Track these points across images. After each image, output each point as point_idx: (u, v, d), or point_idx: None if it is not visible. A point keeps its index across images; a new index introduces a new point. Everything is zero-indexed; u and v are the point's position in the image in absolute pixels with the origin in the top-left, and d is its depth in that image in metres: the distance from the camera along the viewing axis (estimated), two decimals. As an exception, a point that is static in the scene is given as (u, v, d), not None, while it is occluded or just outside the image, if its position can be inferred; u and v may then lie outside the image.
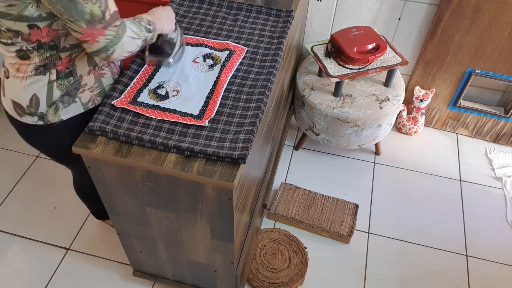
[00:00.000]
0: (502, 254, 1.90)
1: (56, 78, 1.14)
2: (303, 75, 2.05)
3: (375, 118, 1.91)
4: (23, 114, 1.17)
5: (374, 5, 2.09)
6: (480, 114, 2.27)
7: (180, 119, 1.19)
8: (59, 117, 1.19)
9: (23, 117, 1.18)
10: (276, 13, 1.56)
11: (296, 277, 1.77)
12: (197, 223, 1.27)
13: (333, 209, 1.98)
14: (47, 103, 1.15)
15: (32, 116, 1.17)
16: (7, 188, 2.10)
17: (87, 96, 1.21)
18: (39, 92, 1.14)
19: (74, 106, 1.20)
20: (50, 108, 1.17)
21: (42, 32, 1.04)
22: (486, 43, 2.02)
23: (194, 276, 1.59)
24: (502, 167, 2.24)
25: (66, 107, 1.18)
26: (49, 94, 1.15)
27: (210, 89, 1.28)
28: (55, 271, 1.81)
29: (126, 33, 1.05)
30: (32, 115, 1.17)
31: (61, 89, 1.16)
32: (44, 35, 1.05)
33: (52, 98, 1.15)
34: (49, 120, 1.19)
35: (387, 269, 1.84)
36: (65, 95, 1.17)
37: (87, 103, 1.22)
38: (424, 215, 2.03)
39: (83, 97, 1.21)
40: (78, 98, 1.20)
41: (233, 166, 1.11)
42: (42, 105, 1.16)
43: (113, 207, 1.36)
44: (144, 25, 1.13)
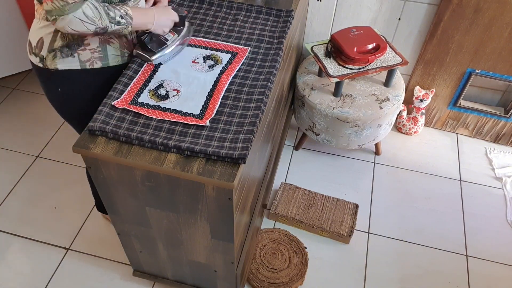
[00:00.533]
0: (502, 254, 1.90)
1: None
2: (303, 75, 2.05)
3: (375, 118, 1.91)
4: (30, 52, 1.28)
5: (374, 5, 2.09)
6: (480, 114, 2.27)
7: (180, 119, 1.19)
8: (55, 65, 1.25)
9: (31, 55, 1.29)
10: (276, 13, 1.56)
11: (296, 277, 1.77)
12: (197, 223, 1.28)
13: (333, 209, 1.98)
14: (49, 48, 1.23)
15: (35, 56, 1.27)
16: (7, 188, 2.10)
17: (86, 55, 1.26)
18: (45, 36, 1.22)
19: (71, 60, 1.25)
20: (50, 54, 1.24)
21: None
22: (486, 43, 2.02)
23: (194, 276, 1.59)
24: (502, 167, 2.24)
25: (63, 58, 1.24)
26: (52, 41, 1.22)
27: (211, 88, 1.29)
28: (55, 271, 1.81)
29: (73, 12, 1.07)
30: (36, 56, 1.27)
31: (64, 40, 1.22)
32: None
33: (53, 45, 1.23)
34: (46, 65, 1.26)
35: (387, 269, 1.84)
36: (65, 47, 1.23)
37: (85, 62, 1.26)
38: (424, 215, 2.03)
39: (82, 55, 1.25)
40: (77, 54, 1.24)
41: (233, 166, 1.11)
42: (44, 49, 1.24)
43: (113, 207, 1.36)
44: (112, 15, 1.14)
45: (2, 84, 2.60)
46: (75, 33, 1.13)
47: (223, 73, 1.33)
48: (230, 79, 1.31)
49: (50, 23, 1.19)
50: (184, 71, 1.34)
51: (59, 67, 1.26)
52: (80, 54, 1.25)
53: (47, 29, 1.21)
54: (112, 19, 1.14)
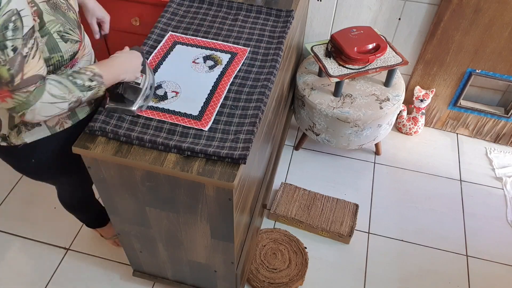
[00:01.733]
0: (502, 254, 1.90)
1: None
2: (303, 75, 2.04)
3: (375, 118, 1.91)
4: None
5: (374, 5, 2.09)
6: (480, 114, 2.27)
7: (179, 121, 1.19)
8: (22, 140, 1.15)
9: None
10: (276, 13, 1.56)
11: (296, 277, 1.77)
12: (197, 223, 1.27)
13: (333, 209, 1.98)
14: (9, 125, 1.12)
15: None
16: (7, 188, 2.10)
17: (53, 119, 1.15)
18: (1, 114, 1.11)
19: (39, 129, 1.15)
20: (13, 131, 1.13)
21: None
22: (486, 43, 2.02)
23: (194, 276, 1.59)
24: (502, 167, 2.24)
25: (29, 130, 1.14)
26: (11, 117, 1.11)
27: (210, 89, 1.28)
28: (55, 271, 1.81)
29: (40, 99, 0.94)
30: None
31: None
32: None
33: (14, 121, 1.12)
34: (12, 142, 1.15)
35: (387, 269, 1.84)
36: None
37: (54, 126, 1.17)
38: (424, 215, 2.03)
39: (49, 121, 1.15)
40: (43, 122, 1.14)
41: (233, 166, 1.11)
42: (4, 128, 1.13)
43: (113, 207, 1.36)
44: (80, 82, 1.01)
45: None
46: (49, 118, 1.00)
47: (223, 75, 1.32)
48: (230, 80, 1.31)
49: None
50: (184, 72, 1.33)
51: (27, 140, 1.15)
52: (47, 121, 1.14)
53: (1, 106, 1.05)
54: (81, 87, 1.01)
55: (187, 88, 1.29)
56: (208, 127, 1.19)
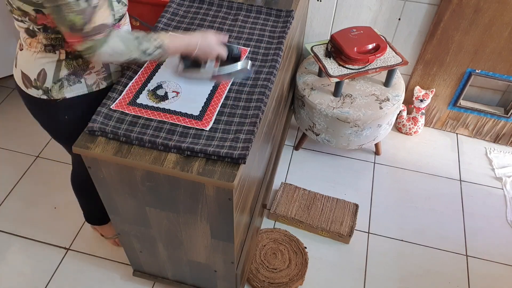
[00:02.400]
0: (502, 254, 1.90)
1: (65, 57, 1.18)
2: (303, 75, 2.05)
3: (375, 118, 1.91)
4: (29, 86, 1.22)
5: (374, 5, 2.09)
6: (480, 114, 2.27)
7: (180, 121, 1.19)
8: (63, 94, 1.22)
9: (29, 89, 1.23)
10: (276, 13, 1.56)
11: (296, 277, 1.77)
12: (197, 223, 1.27)
13: (333, 209, 1.98)
14: (54, 79, 1.20)
15: (37, 89, 1.22)
16: (7, 188, 2.10)
17: (92, 78, 1.25)
18: (48, 68, 1.18)
19: (79, 86, 1.23)
20: (56, 85, 1.21)
21: (48, 18, 1.08)
22: (486, 43, 2.02)
23: (194, 276, 1.59)
24: (502, 167, 2.24)
25: (70, 86, 1.22)
26: (57, 71, 1.19)
27: (211, 89, 1.28)
28: (55, 271, 1.81)
29: (102, 48, 1.06)
30: (37, 89, 1.21)
31: (69, 68, 1.20)
32: (49, 21, 1.09)
33: (59, 75, 1.20)
34: (52, 96, 1.22)
35: (387, 269, 1.84)
36: (71, 74, 1.21)
37: (92, 85, 1.25)
38: (424, 215, 2.03)
39: (89, 79, 1.24)
40: (83, 79, 1.23)
41: (233, 166, 1.11)
42: (49, 81, 1.20)
43: (113, 207, 1.36)
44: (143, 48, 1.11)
45: (2, 84, 2.60)
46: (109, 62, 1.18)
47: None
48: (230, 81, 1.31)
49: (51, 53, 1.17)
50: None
51: (66, 95, 1.23)
52: (87, 79, 1.24)
53: (48, 59, 1.18)
54: (142, 52, 1.12)
55: (188, 88, 1.29)
56: (209, 127, 1.19)
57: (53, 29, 1.11)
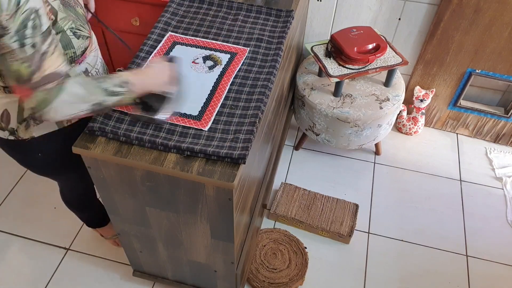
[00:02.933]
0: (502, 254, 1.90)
1: None
2: (303, 75, 2.05)
3: (375, 118, 1.91)
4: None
5: (374, 5, 2.09)
6: (480, 114, 2.27)
7: (179, 121, 1.19)
8: (30, 133, 1.15)
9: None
10: (276, 13, 1.56)
11: (296, 277, 1.77)
12: (197, 223, 1.27)
13: (333, 209, 1.98)
14: (18, 119, 1.12)
15: (3, 130, 1.15)
16: (7, 188, 2.10)
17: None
18: (10, 108, 1.10)
19: (47, 124, 1.16)
20: (21, 125, 1.13)
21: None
22: (486, 43, 2.02)
23: (194, 276, 1.59)
24: (502, 167, 2.24)
25: (37, 125, 1.15)
26: (20, 110, 1.11)
27: (211, 89, 1.28)
28: (55, 271, 1.81)
29: (59, 97, 0.91)
30: (3, 130, 1.15)
31: None
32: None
33: (23, 115, 1.12)
34: (20, 136, 1.15)
35: (387, 269, 1.84)
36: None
37: (62, 122, 1.18)
38: (424, 215, 2.03)
39: None
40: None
41: (233, 166, 1.11)
42: (13, 121, 1.12)
43: (113, 207, 1.36)
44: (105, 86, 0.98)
45: (2, 84, 2.60)
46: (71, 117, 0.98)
47: (223, 75, 1.32)
48: (230, 80, 1.31)
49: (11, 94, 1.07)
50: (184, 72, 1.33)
51: (34, 135, 1.15)
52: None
53: (9, 99, 1.08)
54: (105, 91, 0.98)
55: (187, 88, 1.28)
56: (208, 127, 1.18)
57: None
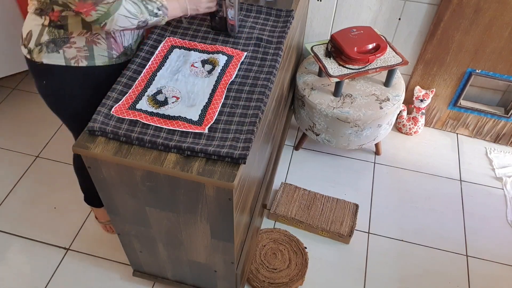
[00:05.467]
0: (502, 254, 1.90)
1: (48, 24, 1.23)
2: (303, 75, 2.05)
3: (375, 118, 1.91)
4: (21, 43, 1.32)
5: (374, 5, 2.09)
6: (480, 114, 2.27)
7: (180, 127, 1.18)
8: (41, 58, 1.27)
9: (21, 46, 1.32)
10: (276, 13, 1.56)
11: (296, 277, 1.77)
12: (197, 223, 1.27)
13: (333, 209, 1.98)
14: (36, 42, 1.26)
15: (25, 47, 1.30)
16: (7, 188, 2.10)
17: (72, 52, 1.27)
18: (34, 30, 1.25)
19: (56, 56, 1.27)
20: (36, 48, 1.26)
21: None
22: (486, 43, 2.02)
23: (194, 276, 1.59)
24: (502, 167, 2.24)
25: (48, 53, 1.26)
26: (40, 35, 1.25)
27: (210, 93, 1.27)
28: (55, 271, 1.81)
29: (118, 11, 1.14)
30: (25, 47, 1.30)
31: (50, 35, 1.24)
32: None
33: (40, 39, 1.25)
34: (33, 57, 1.28)
35: (387, 269, 1.84)
36: (51, 42, 1.25)
37: (70, 59, 1.28)
38: (424, 215, 2.03)
39: (68, 52, 1.27)
40: (62, 51, 1.26)
41: (233, 166, 1.11)
42: (32, 42, 1.26)
43: (113, 207, 1.36)
44: (150, 8, 1.22)
45: (2, 84, 2.60)
46: (121, 29, 1.20)
47: (221, 78, 1.32)
48: (227, 84, 1.30)
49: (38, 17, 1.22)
50: (183, 76, 1.32)
51: (44, 61, 1.27)
52: (66, 51, 1.26)
53: (36, 22, 1.24)
54: (150, 12, 1.22)
55: (187, 92, 1.28)
56: (207, 130, 1.18)
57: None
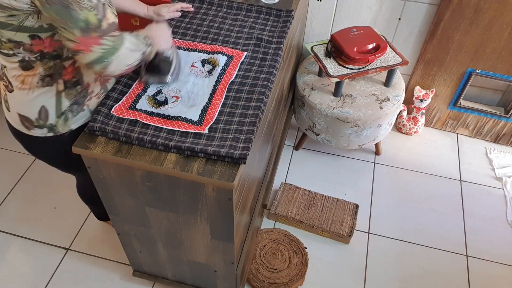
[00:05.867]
0: (502, 254, 1.90)
1: (64, 87, 1.12)
2: (303, 75, 2.04)
3: (375, 118, 1.91)
4: (31, 127, 1.16)
5: (374, 5, 2.09)
6: (480, 114, 2.27)
7: (180, 127, 1.18)
8: (69, 126, 1.19)
9: (32, 130, 1.16)
10: (276, 13, 1.56)
11: (296, 277, 1.77)
12: (197, 223, 1.27)
13: (333, 209, 1.98)
14: (57, 114, 1.15)
15: (41, 128, 1.16)
16: (7, 188, 2.10)
17: (94, 103, 1.22)
18: (48, 104, 1.12)
19: (82, 114, 1.20)
20: (60, 119, 1.16)
21: (44, 43, 1.01)
22: (486, 43, 2.02)
23: (194, 276, 1.59)
24: (502, 167, 2.24)
25: (75, 116, 1.18)
26: (58, 104, 1.14)
27: (210, 93, 1.27)
28: (55, 271, 1.81)
29: (124, 44, 1.01)
30: (41, 128, 1.16)
31: (70, 98, 1.15)
32: (47, 45, 1.02)
33: (61, 108, 1.15)
34: (59, 131, 1.18)
35: (387, 269, 1.84)
36: (74, 104, 1.16)
37: (95, 110, 1.22)
38: (424, 215, 2.03)
39: (91, 104, 1.21)
40: (86, 106, 1.20)
41: (233, 166, 1.11)
42: (52, 117, 1.15)
43: (113, 207, 1.36)
44: (142, 39, 1.11)
45: (2, 84, 2.60)
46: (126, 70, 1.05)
47: (222, 79, 1.32)
48: (227, 84, 1.30)
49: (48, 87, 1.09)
50: (183, 76, 1.32)
51: (73, 127, 1.19)
52: (89, 105, 1.20)
53: (47, 94, 1.11)
54: (143, 43, 1.10)
55: (187, 92, 1.28)
56: (207, 130, 1.18)
57: (50, 54, 1.04)
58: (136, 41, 1.07)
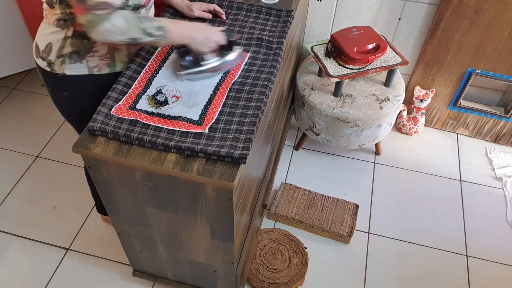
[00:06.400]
0: (502, 254, 1.90)
1: (72, 35, 1.23)
2: (303, 75, 2.05)
3: (375, 118, 1.91)
4: (37, 55, 1.30)
5: (374, 5, 2.09)
6: (480, 114, 2.27)
7: (180, 127, 1.18)
8: (63, 70, 1.27)
9: (37, 58, 1.31)
10: (276, 13, 1.56)
11: (296, 277, 1.77)
12: (197, 223, 1.27)
13: (333, 209, 1.98)
14: (57, 54, 1.26)
15: (43, 60, 1.28)
16: (7, 188, 2.10)
17: (95, 61, 1.28)
18: (54, 42, 1.25)
19: (80, 66, 1.27)
20: (58, 59, 1.26)
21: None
22: (486, 43, 2.02)
23: (194, 276, 1.59)
24: (502, 167, 2.24)
25: (72, 64, 1.27)
26: (61, 47, 1.25)
27: (211, 94, 1.27)
28: (55, 271, 1.81)
29: (103, 24, 1.10)
30: (43, 59, 1.28)
31: (73, 46, 1.24)
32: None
33: (62, 51, 1.25)
34: (54, 70, 1.28)
35: (387, 269, 1.84)
36: (74, 53, 1.25)
37: (93, 68, 1.29)
38: (424, 215, 2.03)
39: (91, 61, 1.28)
40: (85, 60, 1.27)
41: (233, 166, 1.11)
42: (53, 54, 1.26)
43: (113, 207, 1.36)
44: (144, 27, 1.15)
45: (2, 84, 2.60)
46: (108, 42, 1.16)
47: (224, 79, 1.31)
48: (230, 85, 1.30)
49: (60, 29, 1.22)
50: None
51: (66, 72, 1.28)
52: (89, 61, 1.27)
53: (57, 35, 1.23)
54: (143, 31, 1.14)
55: (187, 92, 1.28)
56: (207, 130, 1.18)
57: (67, 3, 1.16)
58: (126, 27, 1.12)
